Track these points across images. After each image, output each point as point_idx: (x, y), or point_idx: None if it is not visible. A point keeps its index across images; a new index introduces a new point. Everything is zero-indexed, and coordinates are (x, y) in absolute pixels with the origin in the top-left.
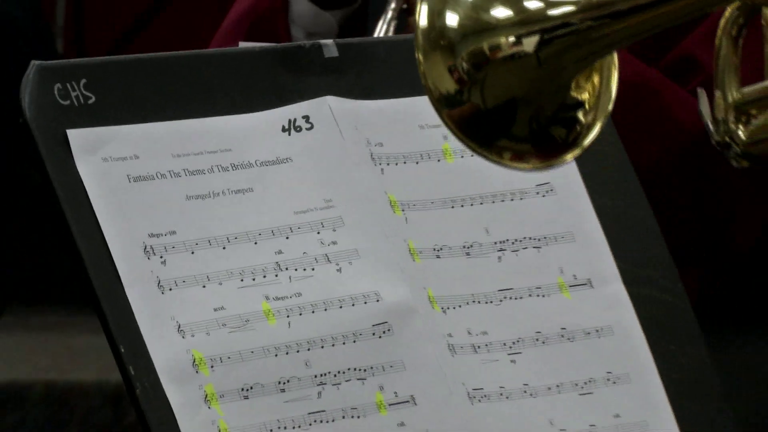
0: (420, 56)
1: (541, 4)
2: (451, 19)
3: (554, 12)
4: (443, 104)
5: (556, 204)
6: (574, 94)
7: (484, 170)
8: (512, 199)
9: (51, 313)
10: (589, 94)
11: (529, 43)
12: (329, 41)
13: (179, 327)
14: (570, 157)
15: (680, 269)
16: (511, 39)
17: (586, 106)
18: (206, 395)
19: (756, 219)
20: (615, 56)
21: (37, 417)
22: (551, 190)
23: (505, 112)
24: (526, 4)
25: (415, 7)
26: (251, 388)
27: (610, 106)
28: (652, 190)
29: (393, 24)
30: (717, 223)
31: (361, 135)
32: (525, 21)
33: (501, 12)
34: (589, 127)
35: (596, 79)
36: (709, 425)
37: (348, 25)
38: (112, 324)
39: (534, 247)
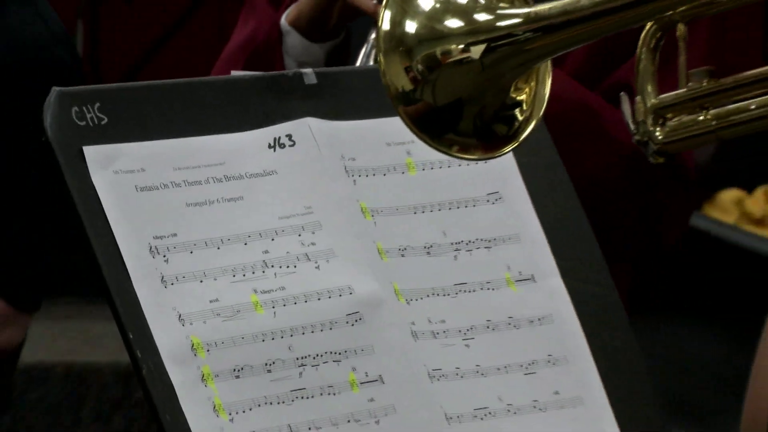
0: (381, 57)
1: (490, 17)
2: (410, 27)
3: (501, 24)
4: (399, 101)
5: (504, 210)
6: (513, 95)
7: (442, 181)
8: (466, 206)
9: (70, 304)
10: (526, 95)
11: (476, 51)
12: (309, 70)
13: (180, 316)
14: (508, 149)
15: (612, 265)
16: (461, 46)
17: (524, 105)
18: (203, 375)
19: (679, 224)
20: (549, 63)
21: (58, 392)
22: (500, 198)
23: (453, 110)
24: (476, 16)
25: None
26: (242, 369)
27: (544, 106)
28: (592, 197)
29: (373, 52)
30: (646, 226)
31: (337, 151)
32: (473, 31)
33: (453, 23)
34: (526, 123)
35: (533, 82)
36: (634, 399)
37: (333, 56)
38: (122, 313)
39: (485, 248)
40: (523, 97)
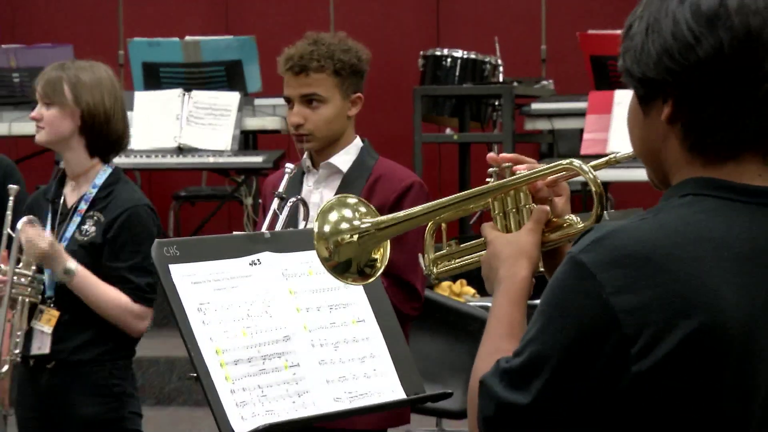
0: (315, 240)
1: (358, 222)
2: (326, 228)
3: (363, 226)
4: (323, 260)
5: (353, 292)
6: (373, 255)
7: (325, 280)
8: (335, 289)
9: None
10: (379, 255)
11: (354, 237)
12: (266, 231)
13: (210, 338)
14: (372, 279)
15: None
16: (348, 236)
17: (378, 260)
18: (221, 363)
19: (412, 309)
20: (389, 241)
21: (151, 373)
22: (350, 288)
23: (347, 264)
24: (354, 222)
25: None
26: (237, 360)
27: (387, 260)
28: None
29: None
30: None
31: (280, 267)
32: (352, 230)
33: (344, 226)
34: (378, 268)
35: (382, 249)
36: (408, 373)
37: None
38: (185, 336)
39: (343, 307)
40: (377, 256)
